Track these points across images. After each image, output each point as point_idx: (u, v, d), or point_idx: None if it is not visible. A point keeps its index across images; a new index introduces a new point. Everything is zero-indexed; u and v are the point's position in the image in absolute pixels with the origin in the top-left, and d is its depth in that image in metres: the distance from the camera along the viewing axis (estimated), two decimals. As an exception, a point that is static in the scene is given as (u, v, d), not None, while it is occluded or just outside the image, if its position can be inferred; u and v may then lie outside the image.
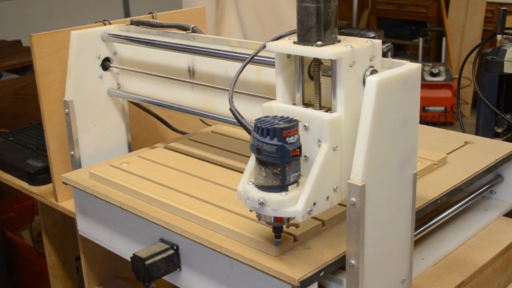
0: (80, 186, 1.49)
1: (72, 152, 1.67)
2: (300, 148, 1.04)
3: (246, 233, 1.17)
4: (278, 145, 1.01)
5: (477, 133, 2.10)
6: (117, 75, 1.71)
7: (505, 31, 2.07)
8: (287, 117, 1.05)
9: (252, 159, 1.08)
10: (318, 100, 1.13)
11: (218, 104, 1.53)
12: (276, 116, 1.06)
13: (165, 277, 1.31)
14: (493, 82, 2.03)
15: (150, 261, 1.25)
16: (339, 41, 1.10)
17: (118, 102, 1.74)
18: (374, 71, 1.10)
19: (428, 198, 1.32)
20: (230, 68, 1.47)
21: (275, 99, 1.17)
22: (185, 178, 1.45)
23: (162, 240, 1.32)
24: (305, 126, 1.10)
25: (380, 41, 1.13)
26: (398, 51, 6.17)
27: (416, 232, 1.28)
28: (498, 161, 1.49)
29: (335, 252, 1.12)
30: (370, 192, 1.01)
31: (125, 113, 1.76)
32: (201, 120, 1.85)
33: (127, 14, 5.03)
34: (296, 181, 1.06)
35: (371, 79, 1.00)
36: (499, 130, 2.10)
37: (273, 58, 1.15)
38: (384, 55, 1.14)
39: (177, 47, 1.50)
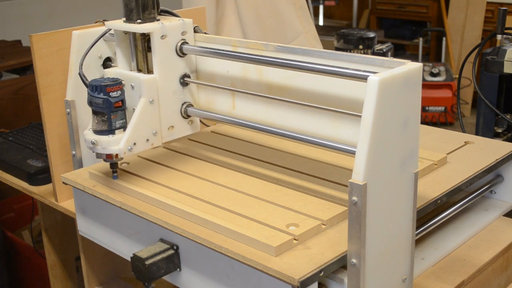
0: (80, 186, 1.49)
1: (74, 152, 1.67)
2: (122, 101, 1.35)
3: (246, 233, 1.16)
4: (103, 98, 1.33)
5: (477, 133, 2.10)
6: (117, 75, 1.71)
7: (505, 31, 2.07)
8: (114, 78, 1.37)
9: None
10: (146, 66, 1.45)
11: (219, 104, 1.53)
12: (108, 77, 1.38)
13: (165, 277, 1.31)
14: (493, 82, 2.03)
15: (150, 261, 1.25)
16: (158, 20, 1.43)
17: (118, 102, 1.74)
18: (185, 43, 1.45)
19: (428, 198, 1.32)
20: (231, 67, 1.47)
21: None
22: (185, 178, 1.44)
23: (162, 240, 1.32)
24: (131, 85, 1.41)
25: (191, 20, 1.46)
26: (398, 51, 6.17)
27: (416, 232, 1.27)
28: (498, 161, 1.49)
29: (335, 252, 1.12)
30: (371, 191, 1.02)
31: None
32: (200, 120, 1.85)
33: (127, 14, 5.02)
34: (122, 127, 1.37)
35: (373, 79, 1.00)
36: (499, 130, 2.10)
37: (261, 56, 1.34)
38: (384, 55, 1.15)
39: (177, 46, 1.51)
